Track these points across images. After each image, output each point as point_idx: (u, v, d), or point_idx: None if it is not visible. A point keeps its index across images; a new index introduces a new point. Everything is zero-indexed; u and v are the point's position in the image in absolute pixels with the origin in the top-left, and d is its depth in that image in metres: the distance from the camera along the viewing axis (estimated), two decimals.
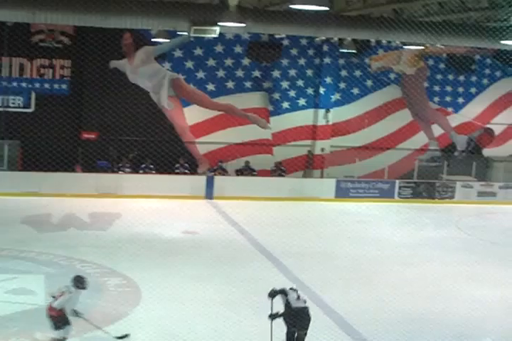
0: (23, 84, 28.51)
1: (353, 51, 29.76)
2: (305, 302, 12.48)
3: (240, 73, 30.24)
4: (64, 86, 28.80)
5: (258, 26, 19.17)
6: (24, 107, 28.51)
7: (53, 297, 12.37)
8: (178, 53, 29.44)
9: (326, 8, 14.32)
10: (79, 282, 12.46)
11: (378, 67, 31.73)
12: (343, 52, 30.17)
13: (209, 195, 27.59)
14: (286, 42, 30.29)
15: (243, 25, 18.05)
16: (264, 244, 20.66)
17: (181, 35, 26.66)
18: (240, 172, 29.55)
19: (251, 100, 30.44)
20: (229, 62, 30.04)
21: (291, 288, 12.62)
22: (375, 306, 15.23)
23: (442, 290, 16.89)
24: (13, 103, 28.47)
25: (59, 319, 12.21)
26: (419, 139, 32.63)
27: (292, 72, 30.73)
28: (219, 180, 27.98)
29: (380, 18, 20.93)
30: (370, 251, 20.35)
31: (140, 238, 20.43)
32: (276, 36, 29.37)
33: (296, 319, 12.25)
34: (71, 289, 12.38)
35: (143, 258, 18.39)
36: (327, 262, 18.77)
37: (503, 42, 19.10)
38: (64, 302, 12.21)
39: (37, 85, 28.61)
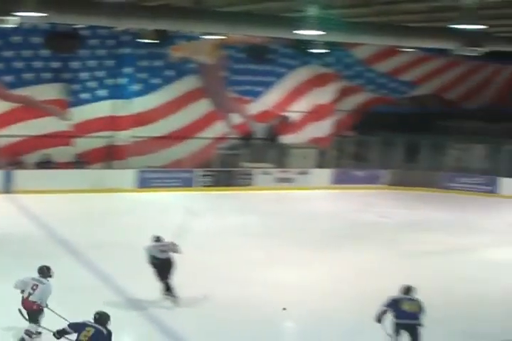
0: None
1: (154, 41, 29.76)
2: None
3: (38, 64, 29.51)
4: None
5: (56, 16, 18.91)
6: None
7: (23, 291, 12.40)
8: None
9: None
10: (47, 271, 12.69)
11: (178, 57, 31.84)
12: (143, 42, 30.06)
13: (7, 189, 26.89)
14: (85, 32, 29.81)
15: (41, 14, 17.64)
16: (67, 238, 20.44)
17: None
18: (39, 165, 28.92)
19: (50, 91, 29.80)
20: (27, 52, 29.24)
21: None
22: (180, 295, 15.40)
23: (247, 276, 17.33)
24: None
25: (39, 312, 12.35)
26: (220, 128, 33.09)
27: (92, 63, 30.31)
28: (18, 173, 27.30)
29: (180, 8, 21.09)
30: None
31: None
32: (76, 26, 28.86)
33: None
34: (43, 281, 12.45)
35: None
36: (130, 252, 18.69)
37: (298, 32, 19.66)
38: (42, 294, 12.27)
39: None
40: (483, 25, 17.53)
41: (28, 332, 12.26)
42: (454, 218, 26.59)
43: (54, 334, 11.25)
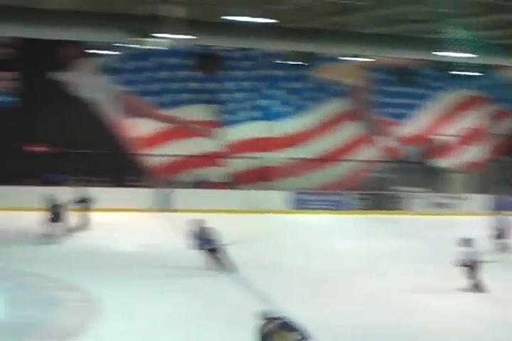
0: None
1: (301, 63, 29.72)
2: None
3: (191, 85, 30.11)
4: (9, 98, 28.44)
5: (208, 38, 19.11)
6: None
7: None
8: (125, 66, 29.29)
9: (272, 21, 14.13)
10: None
11: (326, 79, 31.67)
12: (291, 65, 30.10)
13: (164, 207, 27.36)
14: (237, 54, 30.17)
15: (187, 37, 17.88)
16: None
17: (124, 47, 26.30)
18: (192, 185, 29.32)
19: (201, 112, 30.33)
20: (180, 74, 29.90)
21: None
22: (336, 319, 14.99)
23: (404, 302, 16.74)
24: None
25: None
26: (370, 151, 32.62)
27: (243, 84, 30.69)
28: (172, 192, 27.72)
29: (325, 30, 20.88)
30: (326, 262, 20.15)
31: (96, 251, 20.11)
32: (224, 48, 29.19)
33: None
34: None
35: (99, 271, 18.01)
36: (286, 274, 18.51)
37: (447, 54, 19.13)
38: None
39: None
40: None
41: None
42: None
43: None
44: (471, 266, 16.88)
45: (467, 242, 17.03)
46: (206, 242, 18.31)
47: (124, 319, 14.07)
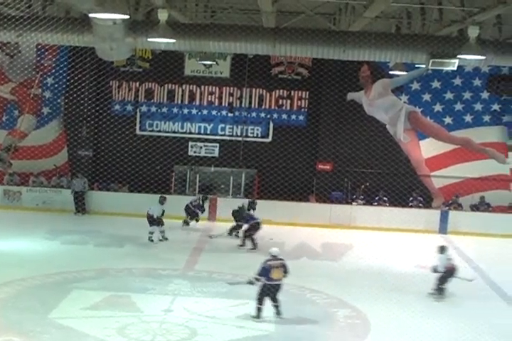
0: (262, 115, 29.46)
1: None
2: None
3: (478, 106, 29.59)
4: (301, 117, 29.40)
5: (498, 59, 18.67)
6: (263, 137, 29.39)
7: None
8: (415, 86, 29.36)
9: None
10: None
11: None
12: None
13: (443, 229, 27.07)
14: None
15: (483, 57, 17.62)
16: (499, 283, 19.93)
17: (419, 67, 26.38)
18: (475, 208, 28.76)
19: (489, 134, 29.65)
20: (467, 95, 29.49)
21: None
22: None
23: None
24: (252, 133, 29.41)
25: None
26: None
27: None
28: (454, 214, 27.43)
29: None
30: None
31: (371, 270, 20.33)
32: None
33: None
34: None
35: (373, 290, 18.25)
36: None
37: None
38: None
39: (275, 116, 29.42)
40: None
41: None
42: None
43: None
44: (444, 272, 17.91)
45: (443, 249, 18.22)
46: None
47: (391, 339, 14.23)
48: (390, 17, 18.56)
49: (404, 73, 27.50)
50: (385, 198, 28.30)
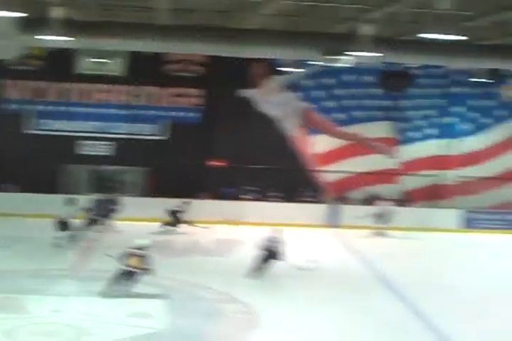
0: (157, 113, 29.43)
1: (485, 80, 29.31)
2: None
3: (369, 102, 30.24)
4: (196, 114, 29.46)
5: (390, 56, 19.21)
6: (157, 135, 29.35)
7: None
8: (307, 82, 29.74)
9: (463, 38, 14.15)
10: None
11: (510, 96, 31.13)
12: (474, 81, 29.75)
13: (333, 223, 27.57)
14: (416, 71, 30.13)
15: (376, 54, 18.10)
16: (386, 274, 20.34)
17: (312, 64, 26.86)
18: (365, 202, 29.40)
19: (379, 129, 30.38)
20: (359, 91, 30.14)
21: None
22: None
23: None
24: (147, 131, 29.35)
25: None
26: None
27: (422, 102, 30.55)
28: (344, 209, 27.88)
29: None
30: (496, 285, 19.78)
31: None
32: (407, 65, 29.21)
33: None
34: None
35: (263, 285, 18.49)
36: (451, 294, 18.38)
37: None
38: None
39: (170, 114, 29.44)
40: None
41: None
42: None
43: None
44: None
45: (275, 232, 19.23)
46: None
47: (281, 332, 14.44)
48: (284, 14, 18.80)
49: (297, 70, 27.95)
50: (276, 193, 28.60)
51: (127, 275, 16.36)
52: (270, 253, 18.99)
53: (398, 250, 24.15)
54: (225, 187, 28.88)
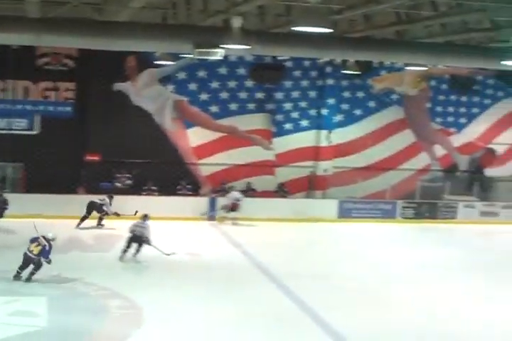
0: (28, 107, 28.70)
1: (356, 72, 29.88)
2: None
3: (243, 95, 30.38)
4: (68, 108, 28.92)
5: (262, 48, 19.30)
6: (28, 129, 28.64)
7: None
8: (181, 75, 29.62)
9: (330, 31, 14.36)
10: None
11: (381, 88, 31.91)
12: (346, 74, 30.28)
13: (212, 216, 27.62)
14: (289, 63, 30.47)
15: (247, 47, 18.17)
16: (268, 266, 20.57)
17: (185, 57, 26.79)
18: (243, 194, 29.50)
19: (254, 121, 30.56)
20: (232, 83, 30.22)
21: None
22: (380, 328, 15.21)
23: (449, 311, 16.86)
24: (18, 125, 28.60)
25: None
26: (422, 159, 32.71)
27: (295, 94, 30.89)
28: (222, 201, 27.94)
29: (383, 39, 21.11)
30: (374, 272, 20.36)
31: (143, 260, 20.38)
32: (280, 58, 29.48)
33: None
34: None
35: (146, 279, 18.42)
36: (331, 283, 18.73)
37: (504, 62, 19.29)
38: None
39: (41, 108, 28.78)
40: None
41: None
42: None
43: None
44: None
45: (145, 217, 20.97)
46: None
47: (166, 327, 14.53)
48: (155, 7, 18.66)
49: (171, 63, 27.82)
50: (153, 187, 28.45)
51: (27, 260, 17.36)
52: (135, 237, 19.92)
53: (280, 241, 24.36)
54: (102, 181, 28.47)
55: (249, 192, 29.55)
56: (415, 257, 22.88)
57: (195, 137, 29.96)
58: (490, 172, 33.54)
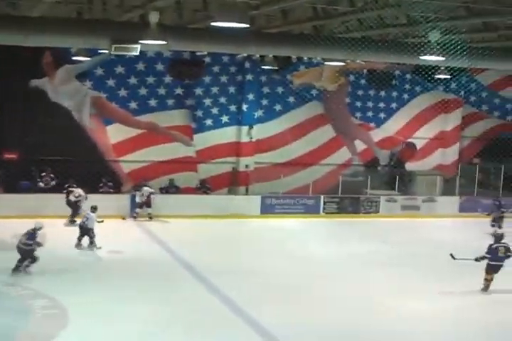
0: None
1: (275, 68, 29.94)
2: None
3: (162, 91, 30.16)
4: None
5: (179, 44, 19.25)
6: None
7: None
8: (99, 71, 29.24)
9: (246, 26, 14.35)
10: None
11: (300, 83, 32.05)
12: (265, 69, 30.33)
13: (134, 213, 27.36)
14: (208, 59, 30.40)
15: (164, 42, 18.06)
16: (193, 263, 20.48)
17: (102, 53, 26.43)
18: (164, 191, 29.36)
19: (174, 118, 30.38)
20: (151, 79, 29.97)
21: None
22: (305, 322, 15.24)
23: (372, 305, 16.98)
24: None
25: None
26: (343, 154, 33.00)
27: (215, 90, 30.82)
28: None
29: (301, 34, 21.18)
30: (298, 268, 20.40)
31: (65, 259, 20.08)
32: (198, 53, 29.37)
33: None
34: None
35: (69, 279, 18.15)
36: (255, 279, 18.72)
37: (421, 57, 19.54)
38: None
39: None
40: None
41: None
42: None
43: None
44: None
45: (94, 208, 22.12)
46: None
47: (91, 326, 14.35)
48: (70, 2, 18.38)
49: (88, 59, 27.47)
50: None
51: (21, 252, 18.36)
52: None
53: (204, 238, 24.27)
54: (20, 180, 27.94)
55: (172, 189, 29.36)
56: (340, 252, 23.01)
57: (115, 134, 29.64)
58: (410, 166, 34.05)
